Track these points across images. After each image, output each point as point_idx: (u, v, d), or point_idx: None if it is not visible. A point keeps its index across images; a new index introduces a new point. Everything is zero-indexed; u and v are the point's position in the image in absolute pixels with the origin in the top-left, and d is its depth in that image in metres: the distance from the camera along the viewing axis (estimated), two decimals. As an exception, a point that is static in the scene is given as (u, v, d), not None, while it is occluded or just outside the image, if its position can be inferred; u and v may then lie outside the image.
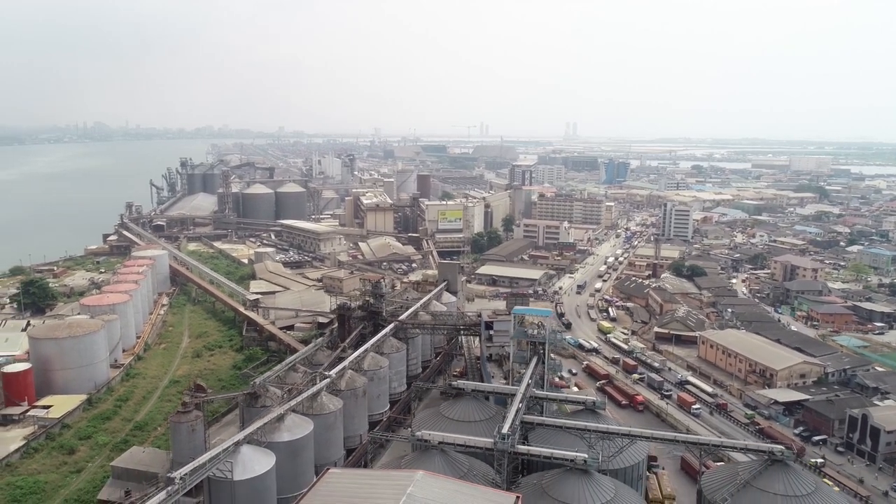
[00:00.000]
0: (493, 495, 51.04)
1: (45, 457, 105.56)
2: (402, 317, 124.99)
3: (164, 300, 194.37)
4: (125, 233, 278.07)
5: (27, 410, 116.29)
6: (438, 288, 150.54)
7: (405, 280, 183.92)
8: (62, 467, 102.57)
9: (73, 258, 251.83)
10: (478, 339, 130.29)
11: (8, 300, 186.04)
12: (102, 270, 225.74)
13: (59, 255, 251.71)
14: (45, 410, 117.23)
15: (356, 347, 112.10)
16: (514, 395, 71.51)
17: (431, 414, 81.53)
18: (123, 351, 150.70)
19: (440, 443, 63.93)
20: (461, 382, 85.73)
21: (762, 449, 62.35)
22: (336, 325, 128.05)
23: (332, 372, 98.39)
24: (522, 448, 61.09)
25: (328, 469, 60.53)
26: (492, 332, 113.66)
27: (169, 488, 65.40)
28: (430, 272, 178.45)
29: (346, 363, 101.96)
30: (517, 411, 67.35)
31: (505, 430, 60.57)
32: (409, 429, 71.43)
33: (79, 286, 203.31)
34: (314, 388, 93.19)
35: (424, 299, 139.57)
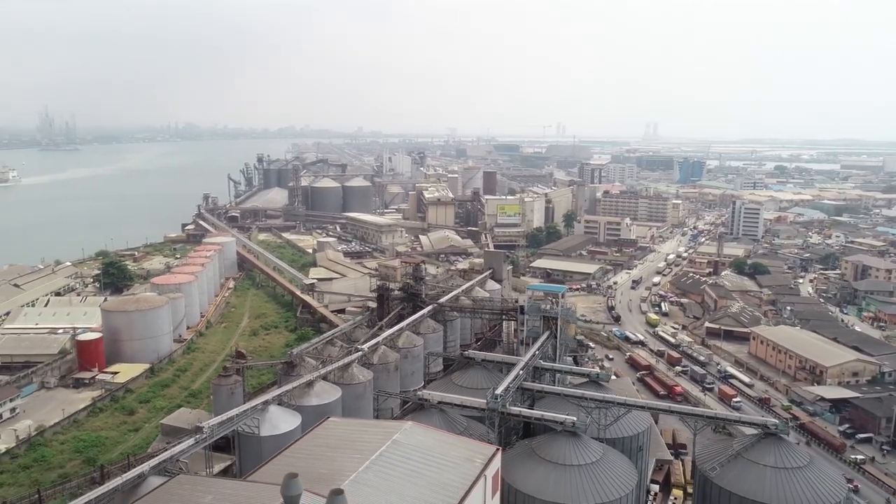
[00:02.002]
0: (474, 445, 53.89)
1: (109, 416, 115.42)
2: (443, 300, 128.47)
3: (231, 284, 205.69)
4: (201, 222, 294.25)
5: (95, 375, 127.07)
6: (483, 275, 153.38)
7: (452, 268, 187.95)
8: (122, 426, 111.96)
9: (152, 245, 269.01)
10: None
11: (91, 279, 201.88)
12: (178, 256, 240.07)
13: (141, 241, 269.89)
14: (112, 376, 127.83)
15: (394, 327, 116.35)
16: (514, 364, 74.35)
17: (443, 381, 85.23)
18: (188, 328, 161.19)
19: (439, 402, 67.46)
20: (471, 352, 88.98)
21: (755, 422, 62.35)
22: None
23: (365, 346, 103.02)
24: (514, 409, 63.53)
25: (328, 417, 65.06)
26: (526, 317, 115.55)
27: (197, 436, 71.53)
28: (476, 261, 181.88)
29: (379, 339, 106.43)
30: (515, 377, 69.89)
31: (498, 391, 63.32)
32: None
33: (155, 270, 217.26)
34: (346, 360, 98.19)
35: (466, 285, 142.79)
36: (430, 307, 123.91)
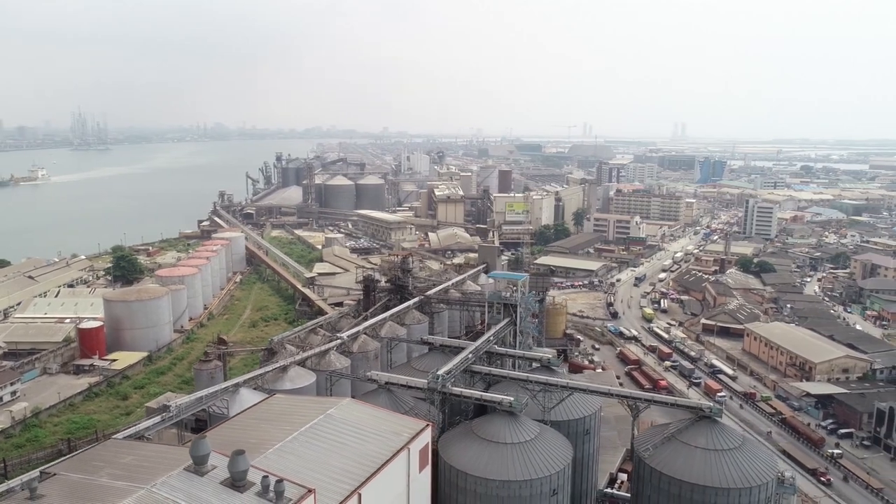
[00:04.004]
0: (406, 421, 55.93)
1: (103, 401, 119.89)
2: (430, 292, 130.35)
3: (238, 278, 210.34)
4: (216, 219, 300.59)
5: (92, 362, 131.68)
6: (476, 269, 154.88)
7: (448, 262, 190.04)
8: (114, 410, 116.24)
9: (167, 240, 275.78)
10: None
11: (103, 272, 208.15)
12: (190, 252, 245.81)
13: (158, 237, 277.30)
14: (110, 363, 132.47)
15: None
16: (465, 348, 76.41)
17: (404, 366, 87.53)
18: (190, 319, 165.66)
19: (387, 383, 69.72)
20: (430, 338, 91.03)
21: (690, 405, 63.40)
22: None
23: (345, 334, 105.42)
24: (455, 389, 65.42)
25: (275, 394, 67.64)
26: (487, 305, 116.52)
27: (164, 414, 74.50)
28: (472, 255, 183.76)
29: (360, 328, 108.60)
30: (463, 360, 71.82)
31: (440, 372, 65.27)
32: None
33: (167, 264, 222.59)
34: (324, 347, 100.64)
35: (458, 278, 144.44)
36: (416, 299, 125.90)
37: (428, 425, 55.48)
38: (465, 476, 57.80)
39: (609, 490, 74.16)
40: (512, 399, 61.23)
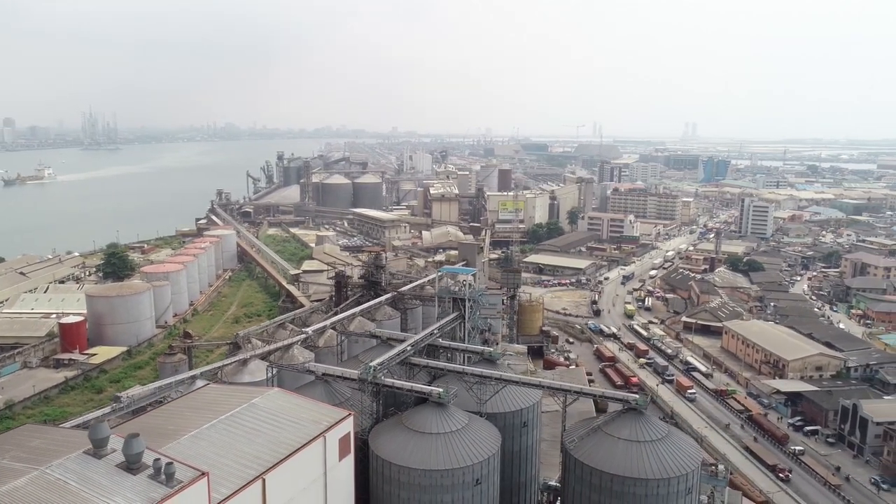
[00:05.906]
0: (329, 410, 56.94)
1: (78, 394, 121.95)
2: (404, 288, 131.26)
3: (227, 275, 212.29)
4: (213, 217, 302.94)
5: (72, 356, 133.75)
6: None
7: (429, 259, 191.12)
8: (88, 403, 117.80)
9: (163, 238, 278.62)
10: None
11: (94, 269, 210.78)
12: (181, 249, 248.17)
13: (156, 235, 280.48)
14: (88, 357, 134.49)
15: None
16: (404, 340, 77.58)
17: (352, 360, 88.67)
18: (175, 315, 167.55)
19: (323, 374, 70.89)
20: (378, 331, 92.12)
21: (617, 397, 64.02)
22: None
23: (310, 329, 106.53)
24: (388, 381, 66.36)
25: (208, 384, 68.85)
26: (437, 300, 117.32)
27: (114, 404, 75.89)
28: (452, 252, 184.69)
29: (327, 322, 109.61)
30: (399, 352, 72.88)
31: (373, 364, 66.30)
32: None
33: (160, 261, 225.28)
34: (288, 341, 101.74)
35: (434, 275, 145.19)
36: (389, 294, 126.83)
37: (350, 414, 56.46)
38: (389, 465, 58.81)
39: (552, 483, 74.89)
40: (441, 390, 62.17)
